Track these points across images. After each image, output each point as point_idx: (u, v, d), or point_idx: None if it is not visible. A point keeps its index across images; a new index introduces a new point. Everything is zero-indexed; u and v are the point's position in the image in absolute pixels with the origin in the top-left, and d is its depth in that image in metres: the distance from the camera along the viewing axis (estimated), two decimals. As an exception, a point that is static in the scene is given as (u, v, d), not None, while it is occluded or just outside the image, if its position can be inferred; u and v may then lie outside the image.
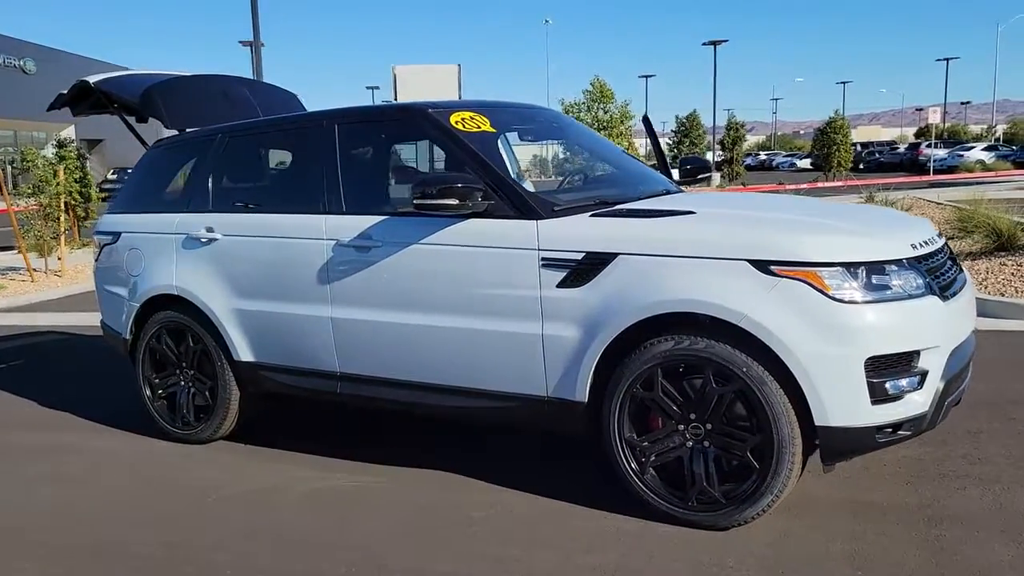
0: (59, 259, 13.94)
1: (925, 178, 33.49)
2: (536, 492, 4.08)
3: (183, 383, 5.13)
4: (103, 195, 19.64)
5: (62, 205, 14.04)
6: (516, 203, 3.97)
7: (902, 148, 57.51)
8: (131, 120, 6.02)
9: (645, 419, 3.73)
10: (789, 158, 68.76)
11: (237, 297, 4.77)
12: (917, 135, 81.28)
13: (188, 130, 5.50)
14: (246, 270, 4.75)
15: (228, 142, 5.02)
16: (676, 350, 3.56)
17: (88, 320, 9.76)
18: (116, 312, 5.43)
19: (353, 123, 4.62)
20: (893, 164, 50.62)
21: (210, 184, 5.01)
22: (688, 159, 5.63)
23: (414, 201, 3.94)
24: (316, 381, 4.60)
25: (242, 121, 5.14)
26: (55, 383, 6.81)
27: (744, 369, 3.42)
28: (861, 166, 48.29)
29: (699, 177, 5.67)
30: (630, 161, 5.07)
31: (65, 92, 5.85)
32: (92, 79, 5.60)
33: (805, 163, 59.89)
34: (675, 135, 44.54)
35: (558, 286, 3.79)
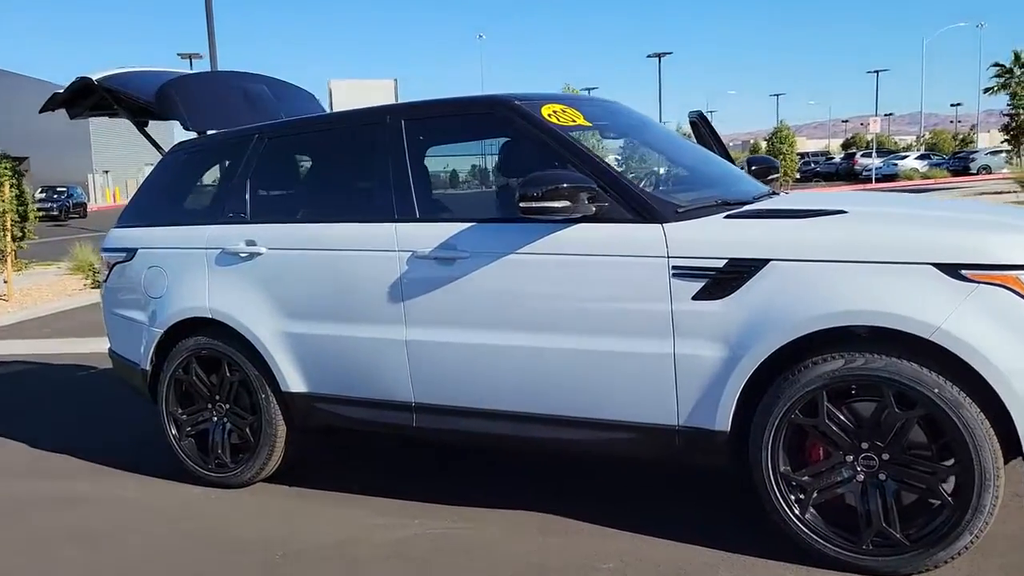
0: (5, 282, 13.00)
1: (869, 186, 33.91)
2: (664, 535, 3.56)
3: (216, 419, 4.49)
4: (39, 214, 18.51)
5: (8, 223, 13.10)
6: (634, 205, 3.47)
7: (837, 158, 58.69)
8: (121, 121, 5.35)
9: (803, 450, 3.23)
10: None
11: (286, 319, 4.16)
12: (844, 146, 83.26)
13: (210, 132, 4.87)
14: (298, 288, 4.14)
15: (268, 143, 4.41)
16: (848, 370, 3.08)
17: (54, 348, 9.02)
18: (131, 340, 4.76)
19: (423, 118, 4.06)
20: (829, 173, 51.59)
21: (247, 191, 4.40)
22: (755, 159, 5.19)
23: (520, 204, 3.41)
24: (386, 413, 4.01)
25: (282, 120, 4.53)
26: (44, 420, 6.08)
27: (935, 390, 2.95)
28: (798, 176, 49.00)
29: (769, 178, 5.22)
30: (716, 159, 4.60)
31: (61, 91, 5.16)
32: (96, 76, 4.93)
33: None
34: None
35: (694, 298, 3.29)
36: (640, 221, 3.44)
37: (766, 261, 3.19)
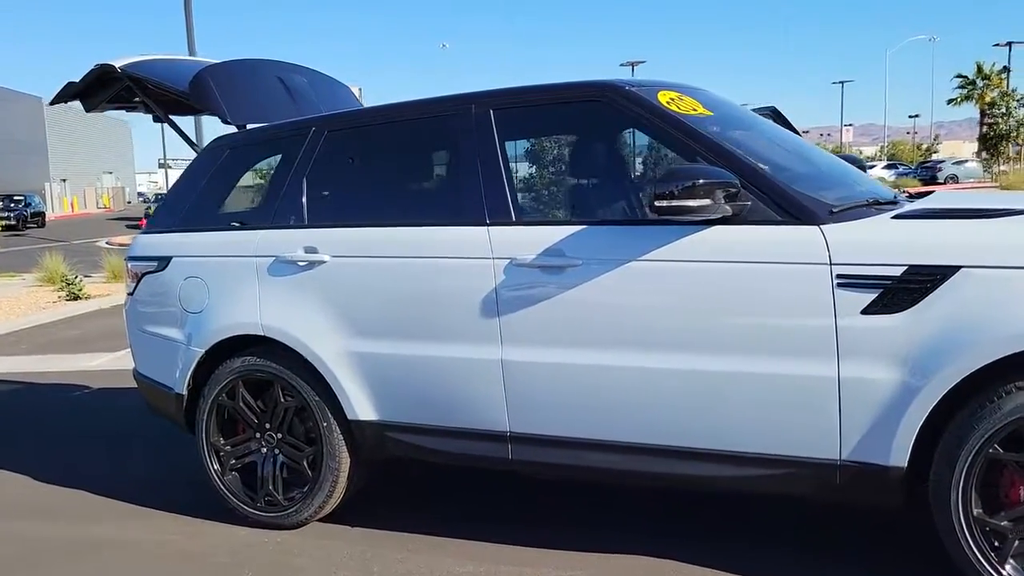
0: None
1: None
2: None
3: (266, 450, 3.94)
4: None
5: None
6: (783, 203, 3.01)
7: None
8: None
9: (998, 490, 2.78)
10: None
11: (354, 337, 3.64)
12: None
13: (251, 126, 4.33)
14: (368, 302, 3.62)
15: (327, 137, 3.88)
16: (1063, 396, 2.63)
17: (35, 365, 8.42)
18: (163, 361, 4.19)
19: (516, 107, 3.56)
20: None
21: (304, 191, 3.87)
22: (846, 157, 4.76)
23: (655, 203, 2.93)
24: (475, 444, 3.50)
25: (342, 111, 3.99)
26: (44, 449, 5.46)
27: None
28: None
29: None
30: (825, 154, 4.14)
31: (76, 81, 4.58)
32: (118, 63, 4.37)
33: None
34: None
35: (864, 312, 2.83)
36: (790, 222, 2.98)
37: (956, 268, 2.74)
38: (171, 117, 5.21)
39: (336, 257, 3.68)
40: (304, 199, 3.86)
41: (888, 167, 51.01)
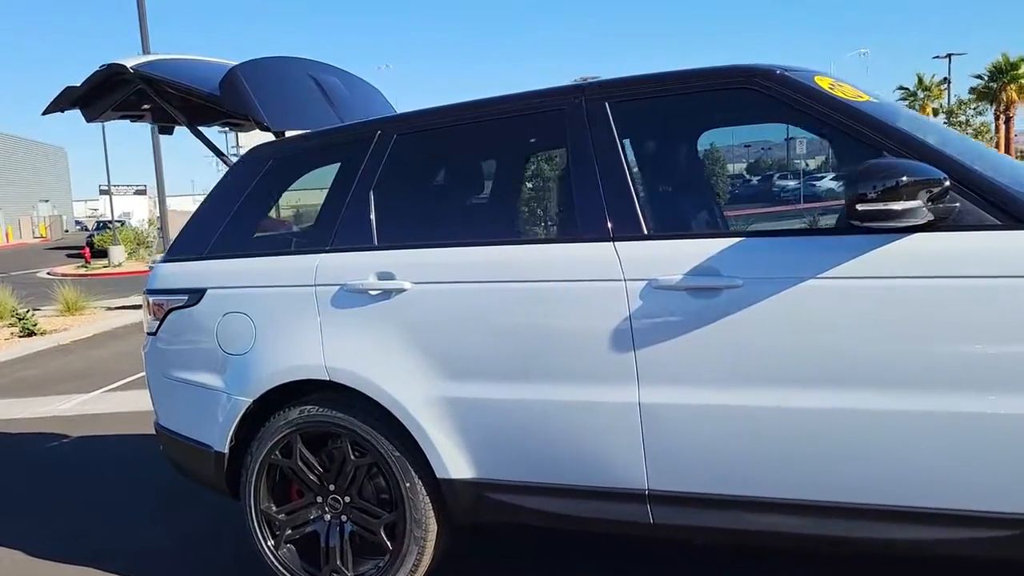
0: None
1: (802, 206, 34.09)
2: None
3: (331, 517, 3.29)
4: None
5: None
6: (1003, 204, 2.48)
7: (754, 180, 59.75)
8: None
9: None
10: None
11: (445, 379, 3.02)
12: (748, 170, 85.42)
13: (290, 133, 3.70)
14: (462, 336, 3.01)
15: (397, 142, 3.27)
16: None
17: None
18: (196, 413, 3.52)
19: (638, 98, 2.99)
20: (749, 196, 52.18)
21: (372, 206, 3.25)
22: None
23: (857, 208, 2.39)
24: (603, 506, 2.90)
25: (416, 110, 3.38)
26: (31, 511, 4.70)
27: None
28: (724, 199, 49.70)
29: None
30: (995, 152, 3.63)
31: (76, 85, 3.90)
32: (129, 62, 3.70)
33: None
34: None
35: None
36: (1013, 227, 2.45)
37: None
38: (171, 129, 4.56)
39: (419, 284, 3.06)
40: (372, 216, 3.24)
41: (835, 179, 51.68)
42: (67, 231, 73.09)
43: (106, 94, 3.91)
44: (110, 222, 39.49)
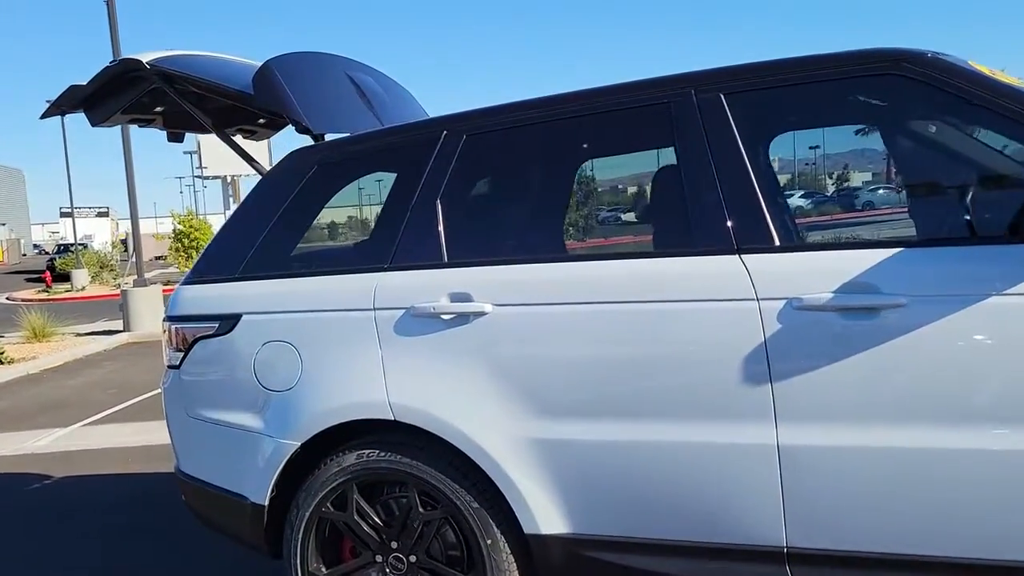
0: None
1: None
2: None
3: (394, 580, 2.81)
4: None
5: None
6: None
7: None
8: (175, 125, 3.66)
9: None
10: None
11: (535, 417, 2.58)
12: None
13: (331, 136, 3.25)
14: (556, 367, 2.58)
15: (468, 143, 2.83)
16: None
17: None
18: (230, 458, 3.03)
19: (759, 89, 2.57)
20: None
21: (440, 217, 2.80)
22: None
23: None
24: (730, 567, 2.47)
25: (490, 106, 2.93)
26: (34, 570, 4.15)
27: None
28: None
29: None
30: None
31: (83, 84, 3.42)
32: (145, 57, 3.24)
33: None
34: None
35: None
36: None
37: None
38: (179, 135, 4.09)
39: (502, 306, 2.62)
40: (441, 228, 2.80)
41: (804, 196, 52.02)
42: (24, 255, 71.32)
43: (116, 94, 3.44)
44: (71, 245, 38.46)
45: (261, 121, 4.07)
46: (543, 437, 2.58)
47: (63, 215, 47.78)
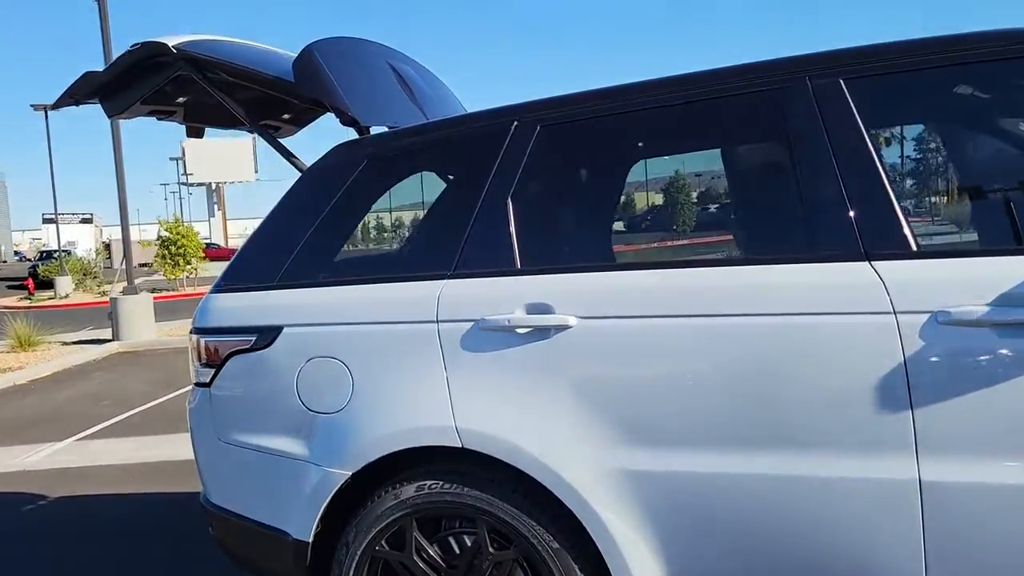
0: None
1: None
2: None
3: (458, 630, 2.48)
4: None
5: None
6: None
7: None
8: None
9: None
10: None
11: (629, 445, 2.27)
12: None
13: (377, 129, 2.93)
14: (655, 388, 2.26)
15: (542, 134, 2.51)
16: None
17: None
18: (268, 488, 2.70)
19: (888, 72, 2.27)
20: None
21: (511, 218, 2.48)
22: None
23: None
24: (860, 620, 2.14)
25: (568, 93, 2.61)
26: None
27: None
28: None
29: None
30: None
31: (99, 71, 3.08)
32: (171, 40, 2.90)
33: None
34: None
35: None
36: None
37: None
38: (202, 128, 3.76)
39: (589, 319, 2.30)
40: (512, 230, 2.47)
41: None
42: (5, 261, 70.38)
43: (136, 82, 3.10)
44: (54, 252, 37.83)
45: (286, 116, 3.75)
46: (637, 469, 2.26)
47: (46, 221, 47.10)
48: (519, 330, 2.36)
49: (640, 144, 2.64)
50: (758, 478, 2.15)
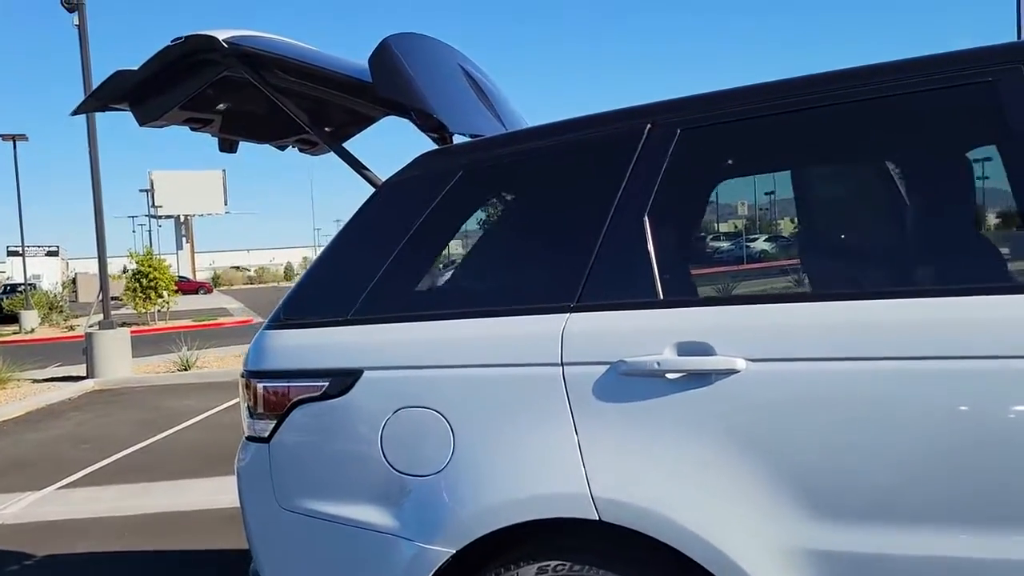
0: None
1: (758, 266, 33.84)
2: None
3: None
4: None
5: None
6: None
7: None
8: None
9: None
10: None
11: (823, 520, 1.84)
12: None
13: (459, 138, 2.50)
14: (857, 448, 1.82)
15: (682, 140, 2.10)
16: None
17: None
18: (345, 567, 2.22)
19: None
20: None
21: (650, 240, 2.05)
22: None
23: None
24: None
25: (707, 93, 2.19)
26: None
27: None
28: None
29: None
30: None
31: (134, 69, 2.62)
32: (221, 34, 2.46)
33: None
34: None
35: None
36: None
37: None
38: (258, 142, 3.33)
39: (760, 362, 1.87)
40: (652, 252, 2.04)
41: (768, 240, 52.19)
42: (-34, 295, 68.55)
43: (175, 83, 2.64)
44: (19, 285, 36.76)
45: (340, 126, 3.32)
46: (835, 549, 1.82)
47: (10, 254, 45.90)
48: (670, 375, 1.93)
49: (811, 149, 2.22)
50: (1001, 564, 1.71)
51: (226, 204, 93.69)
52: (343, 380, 2.21)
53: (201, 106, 2.79)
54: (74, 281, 49.64)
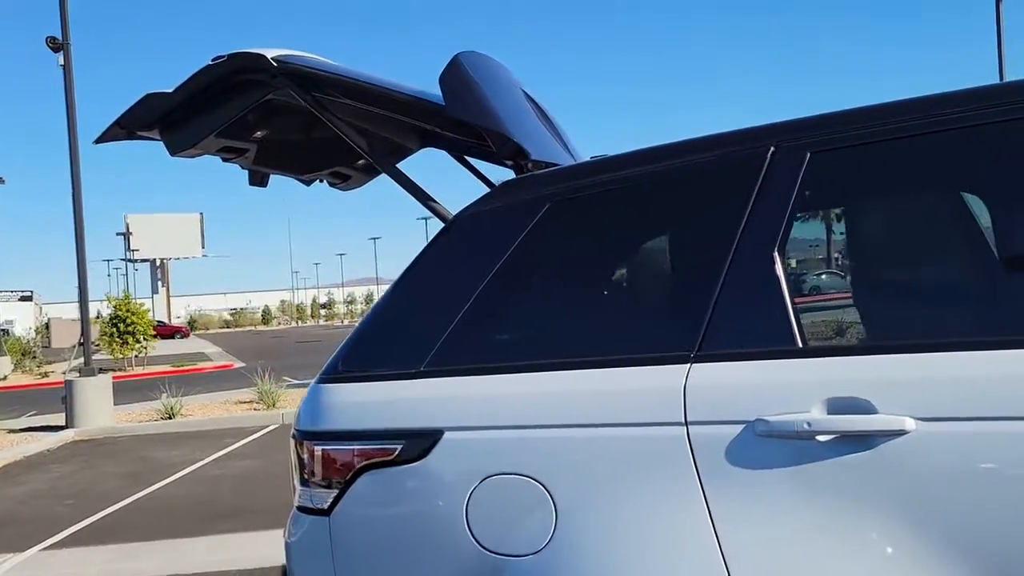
0: None
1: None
2: None
3: None
4: None
5: None
6: None
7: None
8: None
9: None
10: None
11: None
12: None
13: (541, 167, 2.23)
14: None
15: (813, 163, 1.83)
16: None
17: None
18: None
19: None
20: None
21: (781, 279, 1.78)
22: None
23: None
24: None
25: (839, 111, 1.91)
26: None
27: None
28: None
29: None
30: None
31: (168, 91, 2.32)
32: (269, 53, 2.17)
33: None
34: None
35: None
36: None
37: None
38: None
39: (934, 421, 1.58)
40: (786, 293, 1.76)
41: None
42: (-64, 341, 67.24)
43: (213, 107, 2.34)
44: (-8, 331, 35.97)
45: (361, 162, 3.03)
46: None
47: (-19, 299, 45.07)
48: (820, 437, 1.63)
49: (971, 172, 1.95)
50: None
51: (203, 247, 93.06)
52: (419, 442, 1.90)
53: (238, 133, 2.49)
54: (47, 326, 48.75)
